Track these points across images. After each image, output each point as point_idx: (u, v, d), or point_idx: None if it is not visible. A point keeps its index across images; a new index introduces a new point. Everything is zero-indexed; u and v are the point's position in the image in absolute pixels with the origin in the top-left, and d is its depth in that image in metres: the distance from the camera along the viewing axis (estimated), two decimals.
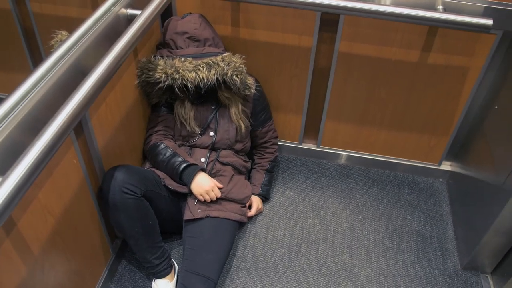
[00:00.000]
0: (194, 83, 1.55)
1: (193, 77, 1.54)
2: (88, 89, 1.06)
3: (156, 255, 1.58)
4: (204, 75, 1.54)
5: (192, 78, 1.54)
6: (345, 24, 1.71)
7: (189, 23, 1.61)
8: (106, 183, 1.43)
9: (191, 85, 1.56)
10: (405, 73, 1.81)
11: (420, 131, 2.01)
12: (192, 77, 1.54)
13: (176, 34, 1.60)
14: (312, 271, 1.74)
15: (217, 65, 1.56)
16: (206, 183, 1.62)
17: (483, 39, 1.65)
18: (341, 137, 2.12)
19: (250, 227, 1.89)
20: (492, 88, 1.78)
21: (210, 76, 1.55)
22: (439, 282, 1.73)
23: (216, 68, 1.56)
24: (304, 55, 1.84)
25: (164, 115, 1.73)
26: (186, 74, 1.54)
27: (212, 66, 1.55)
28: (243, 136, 1.77)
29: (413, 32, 1.69)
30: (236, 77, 1.58)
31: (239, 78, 1.59)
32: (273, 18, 1.75)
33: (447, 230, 1.92)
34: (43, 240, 1.17)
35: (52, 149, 0.94)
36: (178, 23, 1.61)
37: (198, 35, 1.60)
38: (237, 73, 1.59)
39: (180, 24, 1.60)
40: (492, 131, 1.72)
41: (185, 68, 1.54)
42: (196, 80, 1.54)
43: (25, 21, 1.68)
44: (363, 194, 2.06)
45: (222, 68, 1.56)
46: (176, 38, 1.60)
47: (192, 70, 1.54)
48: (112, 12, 1.34)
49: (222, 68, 1.56)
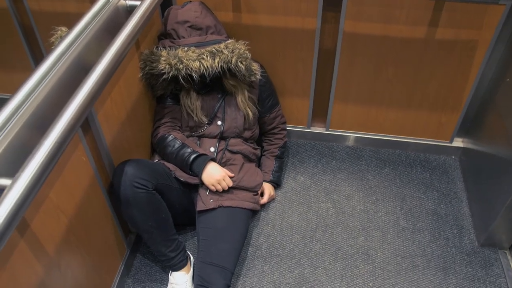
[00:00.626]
0: (199, 72, 1.53)
1: (197, 66, 1.52)
2: (93, 84, 1.04)
3: (171, 248, 1.58)
4: (208, 63, 1.52)
5: (196, 67, 1.52)
6: (349, 2, 1.67)
7: (189, 11, 1.58)
8: (116, 178, 1.41)
9: (195, 75, 1.53)
10: (412, 51, 1.78)
11: (430, 109, 1.98)
12: (197, 66, 1.51)
13: (177, 24, 1.57)
14: (329, 255, 1.73)
15: (221, 52, 1.53)
16: (217, 173, 1.61)
17: (491, 11, 1.61)
18: (350, 119, 2.10)
19: (263, 214, 1.87)
20: (502, 60, 1.74)
21: (214, 64, 1.53)
22: (457, 260, 1.71)
23: (220, 56, 1.53)
24: (308, 38, 1.80)
25: (170, 106, 1.71)
26: (190, 64, 1.51)
27: (216, 54, 1.53)
28: (251, 123, 1.75)
29: (419, 8, 1.65)
30: (241, 64, 1.56)
31: (243, 64, 1.57)
32: (275, 2, 1.71)
33: (462, 207, 1.90)
34: (57, 239, 1.16)
35: (60, 148, 0.92)
36: (179, 12, 1.58)
37: (200, 23, 1.57)
38: (242, 59, 1.56)
39: (180, 13, 1.57)
40: (505, 104, 1.68)
41: (189, 57, 1.52)
42: (201, 69, 1.52)
43: (23, 19, 1.66)
44: (375, 175, 2.04)
45: (226, 56, 1.53)
46: (178, 28, 1.57)
47: (196, 59, 1.52)
48: (111, 4, 1.32)
49: (226, 55, 1.53)
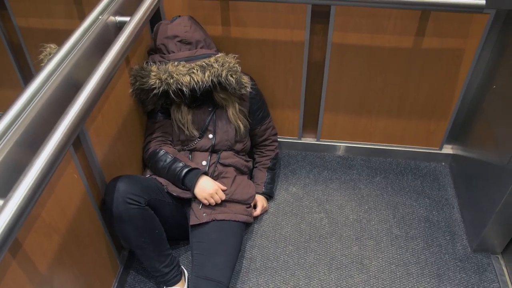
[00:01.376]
0: (189, 86, 1.53)
1: (187, 81, 1.52)
2: (83, 102, 1.04)
3: (165, 263, 1.57)
4: (199, 77, 1.52)
5: (186, 81, 1.52)
6: (336, 14, 1.69)
7: (179, 26, 1.58)
8: (109, 195, 1.40)
9: (186, 89, 1.54)
10: (400, 60, 1.80)
11: (419, 117, 2.00)
12: (187, 81, 1.52)
13: (167, 39, 1.58)
14: (323, 266, 1.73)
15: (211, 66, 1.54)
16: (210, 187, 1.61)
17: (476, 19, 1.64)
18: (340, 129, 2.11)
19: (257, 226, 1.87)
20: (488, 68, 1.77)
21: (204, 79, 1.53)
22: (450, 266, 1.72)
23: (210, 69, 1.53)
24: (297, 49, 1.82)
25: (161, 121, 1.71)
26: (180, 78, 1.52)
27: (206, 68, 1.53)
28: (242, 136, 1.75)
29: (405, 18, 1.67)
30: (231, 77, 1.56)
31: (234, 78, 1.57)
32: (264, 14, 1.73)
33: (453, 213, 1.91)
34: (49, 258, 1.15)
35: (52, 166, 0.92)
36: (168, 27, 1.59)
37: (189, 37, 1.58)
38: (232, 73, 1.57)
39: (170, 28, 1.58)
40: (492, 111, 1.71)
41: (179, 72, 1.52)
42: (191, 83, 1.52)
43: (12, 36, 1.65)
44: (367, 184, 2.05)
45: (216, 69, 1.54)
46: (167, 43, 1.58)
47: (186, 74, 1.52)
48: (101, 21, 1.32)
49: (216, 69, 1.54)
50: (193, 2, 1.71)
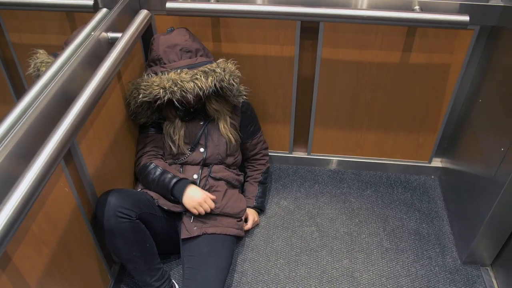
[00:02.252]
0: (193, 93, 1.54)
1: (191, 87, 1.53)
2: (75, 116, 1.06)
3: (156, 277, 1.57)
4: (202, 83, 1.53)
5: (191, 88, 1.53)
6: (325, 30, 1.73)
7: (178, 35, 1.60)
8: (100, 208, 1.41)
9: (190, 96, 1.54)
10: (388, 75, 1.83)
11: (408, 131, 2.03)
12: (191, 87, 1.53)
13: (168, 48, 1.58)
14: (314, 279, 1.73)
15: (214, 71, 1.56)
16: (198, 195, 1.61)
17: (461, 35, 1.68)
18: (331, 143, 2.13)
19: (248, 240, 1.87)
20: (474, 82, 1.81)
21: (208, 84, 1.54)
22: (440, 279, 1.73)
23: (213, 75, 1.55)
24: (287, 65, 1.85)
25: (152, 135, 1.72)
26: (185, 85, 1.52)
27: (209, 74, 1.55)
28: (233, 149, 1.77)
29: (392, 34, 1.71)
30: (233, 81, 1.59)
31: (235, 82, 1.61)
32: (254, 31, 1.76)
33: (443, 226, 1.93)
34: (39, 272, 1.15)
35: (43, 180, 0.93)
36: (167, 37, 1.60)
37: (190, 46, 1.59)
38: (234, 77, 1.60)
39: (169, 38, 1.59)
40: (478, 124, 1.74)
41: (183, 79, 1.53)
42: (195, 89, 1.53)
43: (5, 52, 1.66)
44: (358, 198, 2.07)
45: (219, 74, 1.56)
46: (169, 52, 1.58)
47: (190, 80, 1.53)
48: (93, 37, 1.34)
49: (219, 73, 1.56)
50: (184, 18, 1.74)
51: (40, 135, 1.05)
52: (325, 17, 1.59)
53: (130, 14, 1.59)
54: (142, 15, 1.47)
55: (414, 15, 1.53)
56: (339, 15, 1.55)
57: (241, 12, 1.61)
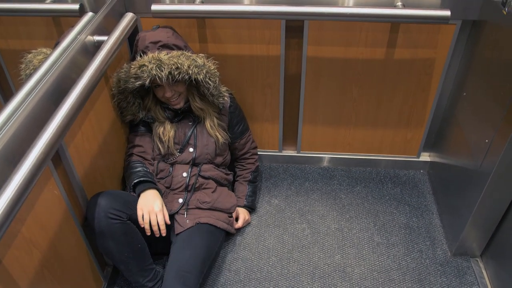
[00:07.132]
0: (169, 67, 1.50)
1: (168, 62, 1.50)
2: (62, 118, 1.07)
3: (149, 278, 1.57)
4: (180, 61, 1.51)
5: (167, 63, 1.50)
6: (310, 29, 1.74)
7: (161, 32, 1.59)
8: (90, 210, 1.42)
9: (166, 73, 1.50)
10: (374, 71, 1.86)
11: (395, 126, 2.05)
12: (167, 62, 1.50)
13: (151, 43, 1.57)
14: (306, 275, 1.75)
15: (194, 60, 1.54)
16: (157, 203, 1.54)
17: (444, 30, 1.71)
18: (320, 140, 2.15)
19: (240, 239, 1.89)
20: (459, 76, 1.83)
21: (185, 65, 1.52)
22: (431, 271, 1.75)
23: (191, 61, 1.54)
24: (274, 64, 1.86)
25: (142, 134, 1.73)
26: (162, 59, 1.50)
27: (188, 58, 1.54)
28: (222, 149, 1.78)
29: (376, 30, 1.73)
30: (209, 79, 1.58)
31: (212, 81, 1.59)
32: (240, 31, 1.77)
33: (433, 219, 1.95)
34: (30, 275, 1.16)
35: (30, 182, 0.94)
36: (151, 33, 1.59)
37: (172, 42, 1.58)
38: (210, 75, 1.59)
39: (152, 35, 1.58)
40: (463, 118, 1.76)
41: (161, 57, 1.51)
42: (170, 65, 1.50)
43: None
44: (348, 194, 2.08)
45: (198, 63, 1.54)
46: (151, 47, 1.57)
47: (168, 57, 1.51)
48: (79, 40, 1.35)
49: (198, 63, 1.55)
50: (170, 20, 1.75)
51: (27, 138, 1.06)
52: (310, 15, 1.61)
53: (116, 17, 1.59)
54: (128, 18, 1.48)
55: (397, 11, 1.56)
56: (323, 13, 1.57)
57: (226, 12, 1.63)
